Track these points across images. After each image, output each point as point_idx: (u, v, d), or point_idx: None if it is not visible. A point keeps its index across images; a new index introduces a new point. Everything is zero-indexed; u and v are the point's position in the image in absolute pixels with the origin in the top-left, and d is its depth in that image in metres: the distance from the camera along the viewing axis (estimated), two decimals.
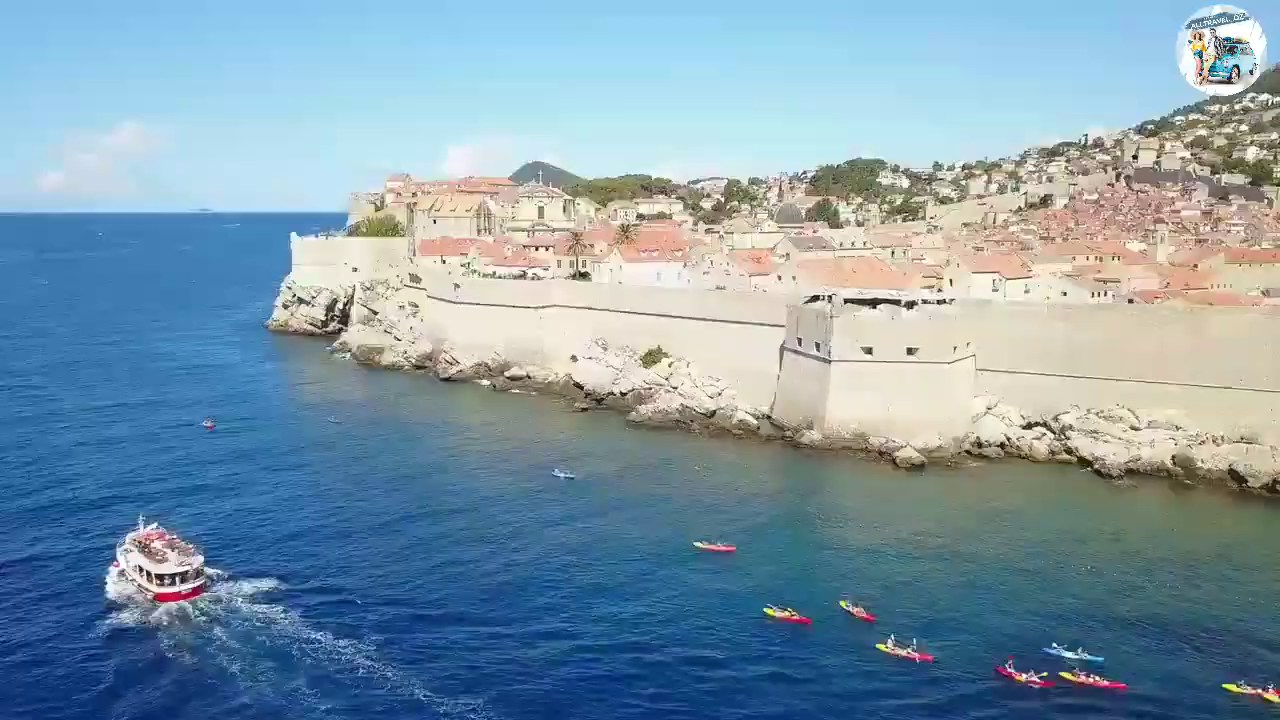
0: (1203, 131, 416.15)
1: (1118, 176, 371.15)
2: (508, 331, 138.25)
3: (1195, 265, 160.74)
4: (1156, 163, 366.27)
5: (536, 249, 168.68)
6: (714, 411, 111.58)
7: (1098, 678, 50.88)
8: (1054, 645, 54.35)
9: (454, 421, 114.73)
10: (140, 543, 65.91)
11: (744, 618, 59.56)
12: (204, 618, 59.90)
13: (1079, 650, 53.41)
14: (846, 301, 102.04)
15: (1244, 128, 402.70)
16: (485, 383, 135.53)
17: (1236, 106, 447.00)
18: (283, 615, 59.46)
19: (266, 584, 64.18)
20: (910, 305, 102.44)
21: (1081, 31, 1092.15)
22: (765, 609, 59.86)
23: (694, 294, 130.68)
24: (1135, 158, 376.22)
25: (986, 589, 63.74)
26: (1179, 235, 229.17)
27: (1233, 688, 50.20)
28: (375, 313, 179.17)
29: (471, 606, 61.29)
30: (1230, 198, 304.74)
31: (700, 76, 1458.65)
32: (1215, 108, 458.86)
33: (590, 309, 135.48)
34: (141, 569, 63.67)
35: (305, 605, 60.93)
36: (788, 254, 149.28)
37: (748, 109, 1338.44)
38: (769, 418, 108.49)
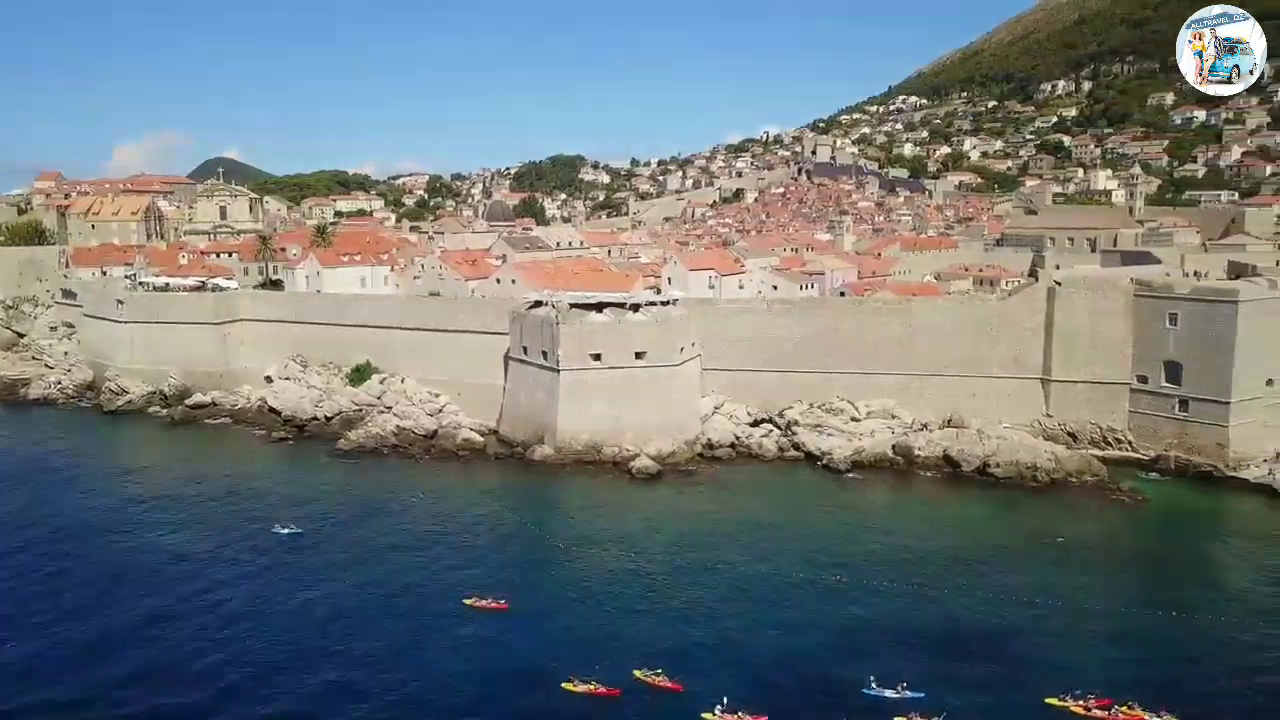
0: (865, 130, 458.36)
1: (800, 171, 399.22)
2: (186, 352, 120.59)
3: (879, 253, 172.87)
4: (832, 158, 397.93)
5: (218, 255, 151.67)
6: (435, 431, 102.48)
7: None
8: (873, 684, 50.56)
9: (129, 467, 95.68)
10: None
11: (541, 693, 51.01)
12: None
13: (900, 687, 49.97)
14: (572, 306, 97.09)
15: (899, 126, 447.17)
16: (161, 413, 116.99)
17: (891, 107, 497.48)
18: None
19: None
20: (635, 308, 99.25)
21: (754, 32, 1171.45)
22: (564, 683, 51.32)
23: (405, 301, 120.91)
24: (814, 153, 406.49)
25: (772, 621, 59.27)
26: (858, 225, 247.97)
27: (1054, 701, 49.30)
28: (21, 335, 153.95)
29: None
30: (897, 190, 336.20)
31: (395, 71, 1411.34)
32: (874, 108, 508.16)
33: (285, 322, 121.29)
34: None
35: None
36: (504, 256, 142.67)
37: (446, 102, 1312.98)
38: (496, 433, 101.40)
